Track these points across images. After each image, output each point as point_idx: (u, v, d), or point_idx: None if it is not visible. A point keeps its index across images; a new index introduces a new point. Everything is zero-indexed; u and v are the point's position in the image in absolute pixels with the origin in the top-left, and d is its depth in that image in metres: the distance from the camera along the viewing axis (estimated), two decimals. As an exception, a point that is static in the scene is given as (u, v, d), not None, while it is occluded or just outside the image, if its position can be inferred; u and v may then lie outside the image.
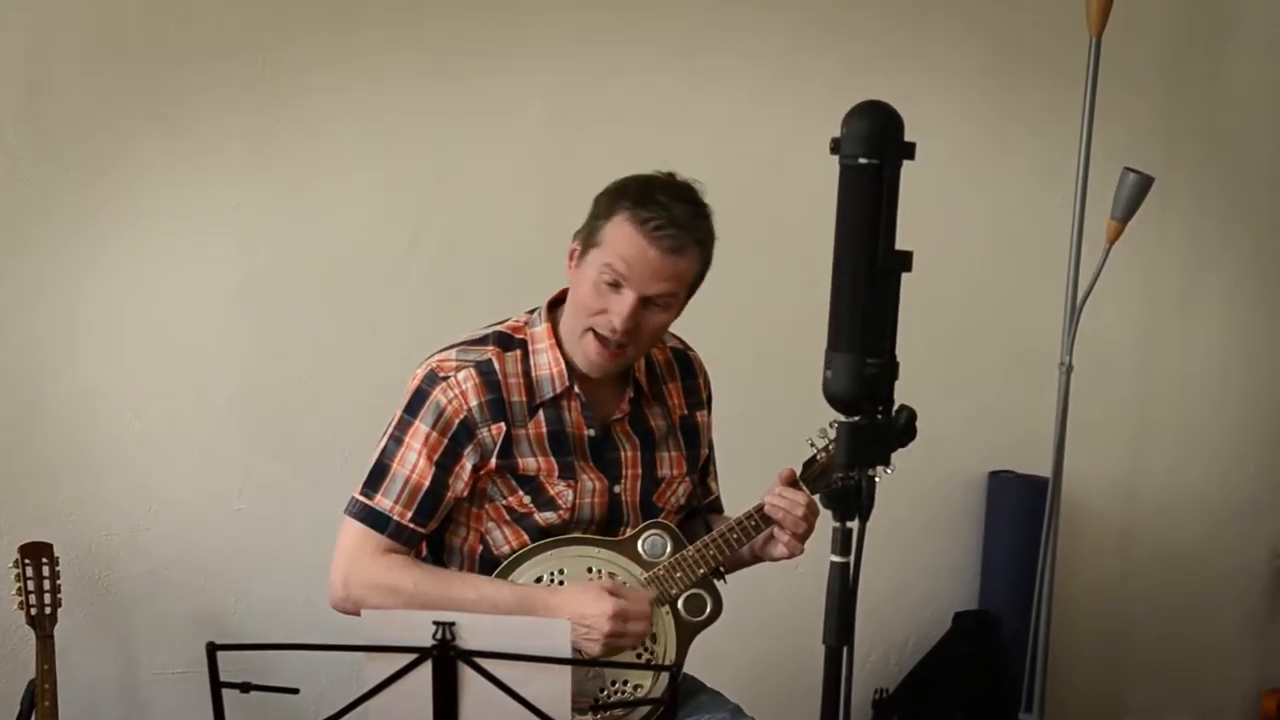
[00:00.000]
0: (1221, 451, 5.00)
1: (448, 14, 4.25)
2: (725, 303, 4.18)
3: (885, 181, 2.12)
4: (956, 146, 4.46)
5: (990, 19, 4.64)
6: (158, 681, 4.12)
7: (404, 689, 2.31)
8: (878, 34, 4.55)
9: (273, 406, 4.16)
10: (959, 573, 4.76)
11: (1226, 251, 4.98)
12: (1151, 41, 4.74)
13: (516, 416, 2.88)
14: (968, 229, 4.58)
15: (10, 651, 3.88)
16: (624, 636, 2.77)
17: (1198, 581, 5.00)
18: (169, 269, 4.08)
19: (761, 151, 4.41)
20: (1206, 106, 4.89)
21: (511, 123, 4.24)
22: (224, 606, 4.06)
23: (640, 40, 4.39)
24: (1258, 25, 4.91)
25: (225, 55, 4.10)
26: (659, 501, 2.99)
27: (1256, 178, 4.96)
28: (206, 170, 4.10)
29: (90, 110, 3.98)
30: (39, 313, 4.01)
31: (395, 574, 2.83)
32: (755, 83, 4.49)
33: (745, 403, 3.50)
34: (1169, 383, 4.95)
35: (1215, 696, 5.03)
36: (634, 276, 2.78)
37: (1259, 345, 5.03)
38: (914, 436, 2.28)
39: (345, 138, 4.17)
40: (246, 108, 4.08)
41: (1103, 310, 4.49)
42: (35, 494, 3.98)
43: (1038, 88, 4.64)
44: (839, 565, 2.21)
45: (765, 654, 3.51)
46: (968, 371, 4.65)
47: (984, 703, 4.59)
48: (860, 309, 2.16)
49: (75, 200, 3.99)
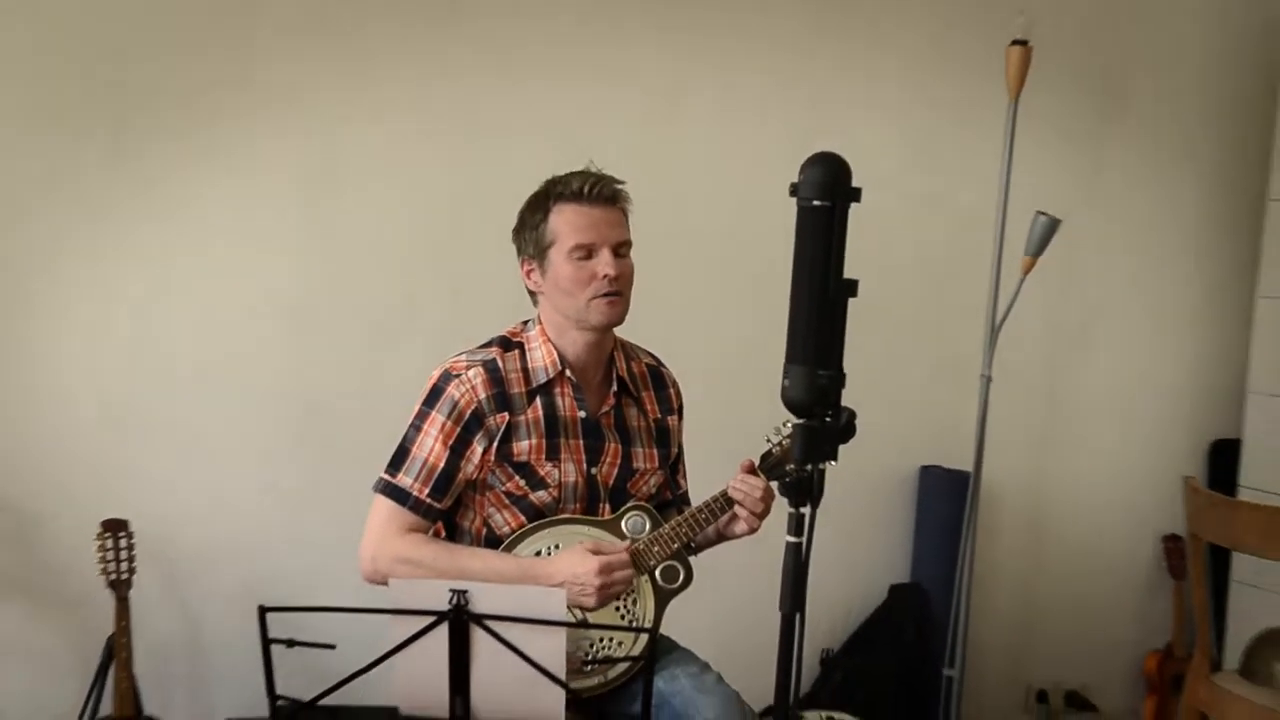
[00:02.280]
0: (1114, 453, 5.04)
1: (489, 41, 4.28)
2: (699, 323, 4.21)
3: (836, 220, 2.17)
4: (897, 192, 4.48)
5: (926, 83, 4.73)
6: (216, 638, 4.20)
7: (423, 647, 2.35)
8: (832, 100, 4.60)
9: (310, 411, 4.25)
10: (894, 551, 4.80)
11: (1124, 284, 5.00)
12: (1062, 102, 4.75)
13: (516, 405, 2.95)
14: (906, 262, 4.61)
15: (93, 611, 3.92)
16: (613, 585, 2.85)
17: (1092, 561, 5.03)
18: (236, 290, 4.16)
19: (732, 192, 4.41)
20: (1107, 158, 4.91)
21: (526, 147, 4.18)
22: (271, 576, 4.13)
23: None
24: (1150, 91, 4.96)
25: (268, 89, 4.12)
26: (631, 489, 3.05)
27: (1148, 218, 4.99)
28: (261, 194, 4.15)
29: (146, 128, 4.02)
30: (119, 322, 4.07)
31: (416, 550, 2.89)
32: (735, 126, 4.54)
33: (713, 405, 3.53)
34: (1072, 394, 4.98)
35: (1107, 656, 5.04)
36: (598, 236, 2.91)
37: (1147, 365, 5.05)
38: (853, 433, 2.34)
39: (378, 166, 4.24)
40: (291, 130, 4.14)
41: (1017, 331, 4.49)
42: (117, 476, 4.07)
43: (964, 143, 4.70)
44: (793, 544, 2.24)
45: (730, 619, 3.55)
46: (904, 381, 4.68)
47: (914, 660, 4.63)
48: (813, 328, 2.19)
49: (146, 211, 4.05)
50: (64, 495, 3.99)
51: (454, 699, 2.35)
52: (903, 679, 4.64)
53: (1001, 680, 4.95)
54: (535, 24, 4.30)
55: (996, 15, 4.47)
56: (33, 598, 4.02)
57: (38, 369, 3.99)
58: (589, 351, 3.01)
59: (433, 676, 2.34)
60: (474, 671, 2.34)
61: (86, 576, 3.86)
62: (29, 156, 3.92)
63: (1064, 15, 4.70)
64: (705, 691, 2.90)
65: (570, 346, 2.99)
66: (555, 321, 2.99)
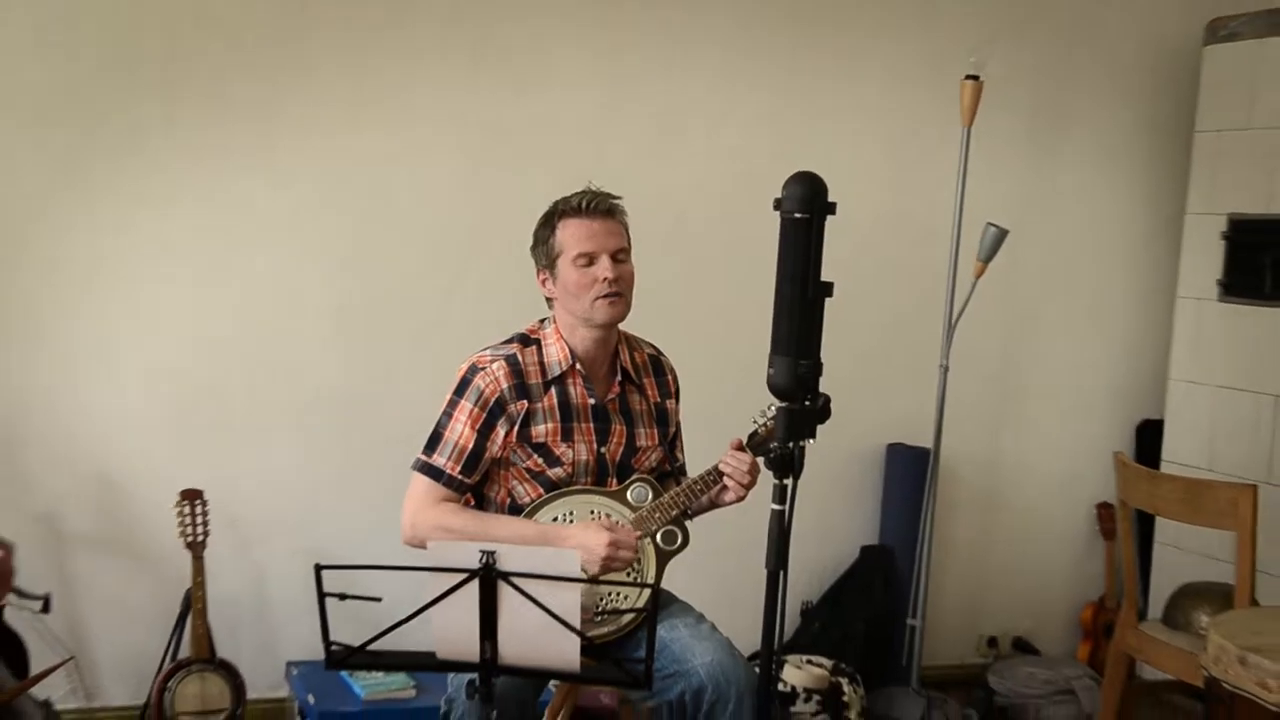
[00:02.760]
0: (1054, 431, 5.02)
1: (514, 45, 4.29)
2: (695, 318, 4.20)
3: (814, 231, 2.16)
4: (867, 206, 4.45)
5: (894, 113, 4.71)
6: (278, 592, 4.22)
7: (457, 600, 2.33)
8: (811, 126, 4.60)
9: (355, 399, 4.25)
10: (864, 517, 4.78)
11: (1064, 286, 4.99)
12: (1009, 128, 4.74)
13: (534, 394, 2.96)
14: (874, 267, 4.59)
15: (173, 569, 3.97)
16: (615, 560, 2.84)
17: (1036, 525, 5.01)
18: (293, 297, 4.19)
19: (725, 205, 4.42)
20: (1049, 177, 4.90)
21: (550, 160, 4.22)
22: (325, 539, 4.13)
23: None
24: (1085, 120, 4.96)
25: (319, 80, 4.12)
26: (635, 464, 3.06)
27: (1084, 229, 4.97)
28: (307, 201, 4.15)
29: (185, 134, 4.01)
30: (198, 319, 4.10)
31: (449, 517, 2.91)
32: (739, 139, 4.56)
33: (707, 389, 3.51)
34: (1019, 381, 4.97)
35: (1048, 607, 5.03)
36: (597, 245, 2.92)
37: (1084, 356, 5.03)
38: (829, 415, 2.32)
39: (408, 180, 4.24)
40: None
41: (971, 326, 4.48)
42: (194, 453, 4.09)
43: (925, 164, 4.68)
44: (777, 511, 2.25)
45: (721, 575, 3.55)
46: (873, 370, 4.66)
47: (881, 611, 4.63)
48: (795, 324, 2.19)
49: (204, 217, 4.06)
50: (148, 469, 4.03)
51: (484, 644, 2.34)
52: (872, 627, 4.62)
53: (957, 628, 4.95)
54: (557, 49, 4.31)
55: (953, 55, 4.46)
56: (122, 557, 4.06)
57: (125, 359, 4.02)
58: (596, 346, 3.02)
59: (465, 625, 2.33)
60: (501, 621, 2.33)
61: (167, 539, 3.92)
62: (92, 149, 3.90)
63: (1010, 55, 4.68)
64: (701, 639, 2.91)
65: (580, 343, 3.00)
66: (567, 321, 3.00)
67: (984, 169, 4.56)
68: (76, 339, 3.96)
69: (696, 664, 2.84)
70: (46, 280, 3.93)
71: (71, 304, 3.95)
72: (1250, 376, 4.54)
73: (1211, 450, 4.66)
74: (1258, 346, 4.52)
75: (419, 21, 4.17)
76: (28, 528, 3.74)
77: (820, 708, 4.23)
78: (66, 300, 3.95)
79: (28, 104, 3.85)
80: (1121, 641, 3.84)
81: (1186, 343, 4.79)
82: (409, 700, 3.82)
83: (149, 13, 3.92)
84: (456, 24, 4.20)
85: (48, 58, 3.84)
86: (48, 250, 3.92)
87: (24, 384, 3.91)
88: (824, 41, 4.60)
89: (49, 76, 3.85)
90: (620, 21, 4.37)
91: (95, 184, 3.93)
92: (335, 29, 4.10)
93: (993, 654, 4.96)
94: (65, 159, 3.91)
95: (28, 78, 3.84)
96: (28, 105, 3.85)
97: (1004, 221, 4.39)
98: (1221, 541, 3.97)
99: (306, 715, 3.83)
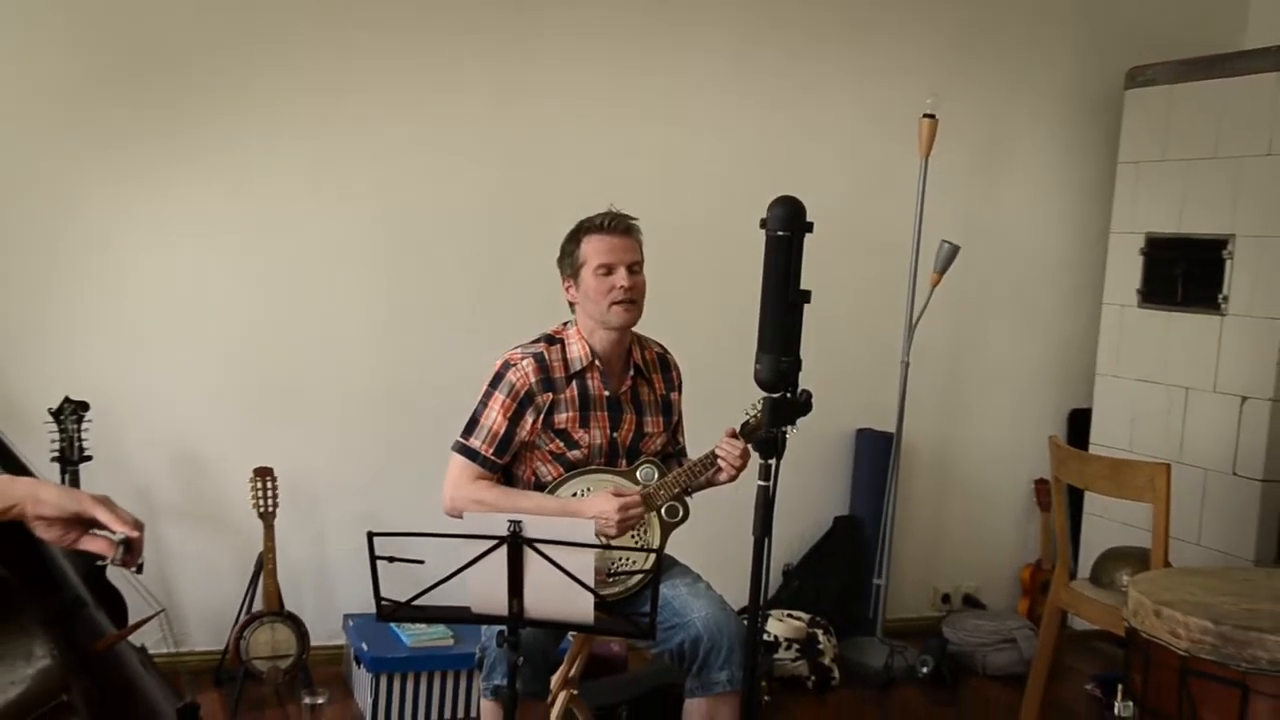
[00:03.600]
0: (998, 418, 5.00)
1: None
2: (695, 321, 4.19)
3: (794, 246, 2.12)
4: (840, 227, 4.41)
5: (863, 145, 4.70)
6: (336, 555, 4.20)
7: (488, 563, 2.33)
8: (792, 155, 4.55)
9: (404, 391, 4.22)
10: (837, 492, 4.76)
11: (1007, 293, 4.97)
12: (960, 159, 4.73)
13: (558, 387, 2.95)
14: (846, 277, 4.55)
15: (247, 535, 3.95)
16: (629, 519, 2.85)
17: (983, 498, 4.99)
18: (351, 300, 4.17)
19: (719, 225, 4.38)
20: (995, 200, 4.90)
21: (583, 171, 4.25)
22: (376, 510, 4.11)
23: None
24: (1024, 151, 4.92)
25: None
26: (643, 447, 3.05)
27: (1025, 245, 4.96)
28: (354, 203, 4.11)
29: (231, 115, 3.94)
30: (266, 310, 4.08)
31: (483, 492, 2.91)
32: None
33: (705, 383, 3.47)
34: (968, 375, 4.96)
35: (993, 568, 5.02)
36: (615, 258, 2.91)
37: (1024, 353, 5.00)
38: (809, 409, 2.27)
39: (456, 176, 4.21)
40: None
41: (927, 328, 4.47)
42: (265, 436, 4.08)
43: (889, 189, 4.65)
44: (763, 487, 2.24)
45: (715, 542, 3.47)
46: (845, 365, 4.64)
47: (851, 571, 4.61)
48: (778, 326, 2.16)
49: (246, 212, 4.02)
50: (226, 450, 4.01)
51: (512, 601, 2.33)
52: (843, 586, 4.60)
53: (916, 586, 4.91)
54: (585, 103, 4.31)
55: (913, 98, 4.43)
56: (204, 525, 4.04)
57: (207, 356, 4.00)
58: (612, 346, 3.00)
59: (496, 584, 2.32)
60: (526, 581, 2.31)
61: (242, 510, 3.89)
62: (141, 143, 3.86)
63: (961, 98, 4.65)
64: (697, 596, 2.89)
65: (598, 342, 2.98)
66: (587, 323, 2.98)
67: (939, 194, 4.55)
68: (167, 337, 3.94)
69: (694, 617, 2.83)
70: (150, 293, 3.91)
71: (162, 307, 3.93)
72: (1164, 371, 4.51)
73: (1132, 434, 4.62)
74: (1170, 346, 4.49)
75: (464, 58, 4.14)
76: (127, 500, 3.64)
77: (799, 654, 4.22)
78: (160, 306, 3.93)
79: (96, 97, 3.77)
80: (1055, 597, 3.81)
81: (1110, 342, 4.76)
82: (448, 648, 3.79)
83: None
84: (491, 58, 4.18)
85: (102, 47, 3.77)
86: (146, 263, 3.90)
87: (124, 377, 3.90)
88: (805, 88, 4.57)
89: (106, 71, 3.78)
90: (632, 72, 4.36)
91: (170, 185, 3.89)
92: (384, 32, 4.05)
93: (946, 608, 4.93)
94: (144, 156, 3.84)
95: (84, 68, 3.76)
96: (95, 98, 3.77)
97: (956, 239, 4.41)
98: (1140, 512, 3.93)
99: (361, 660, 3.81)
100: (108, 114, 3.80)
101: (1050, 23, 4.86)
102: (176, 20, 3.85)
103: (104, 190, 3.84)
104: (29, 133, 3.75)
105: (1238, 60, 4.28)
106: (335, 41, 4.01)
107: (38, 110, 3.75)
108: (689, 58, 4.42)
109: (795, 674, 4.20)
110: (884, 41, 4.65)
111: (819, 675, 4.22)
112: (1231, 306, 4.25)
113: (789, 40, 4.53)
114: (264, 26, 3.93)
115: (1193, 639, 2.39)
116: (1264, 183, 4.15)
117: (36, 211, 3.78)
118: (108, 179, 3.83)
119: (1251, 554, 4.16)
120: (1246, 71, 4.20)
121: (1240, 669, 2.32)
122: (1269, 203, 4.14)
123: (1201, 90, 4.37)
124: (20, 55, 3.72)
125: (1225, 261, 4.26)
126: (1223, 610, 2.44)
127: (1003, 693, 4.26)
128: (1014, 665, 4.39)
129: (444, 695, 3.79)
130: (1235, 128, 4.25)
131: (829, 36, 4.58)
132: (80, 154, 3.81)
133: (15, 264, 3.78)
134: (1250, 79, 4.19)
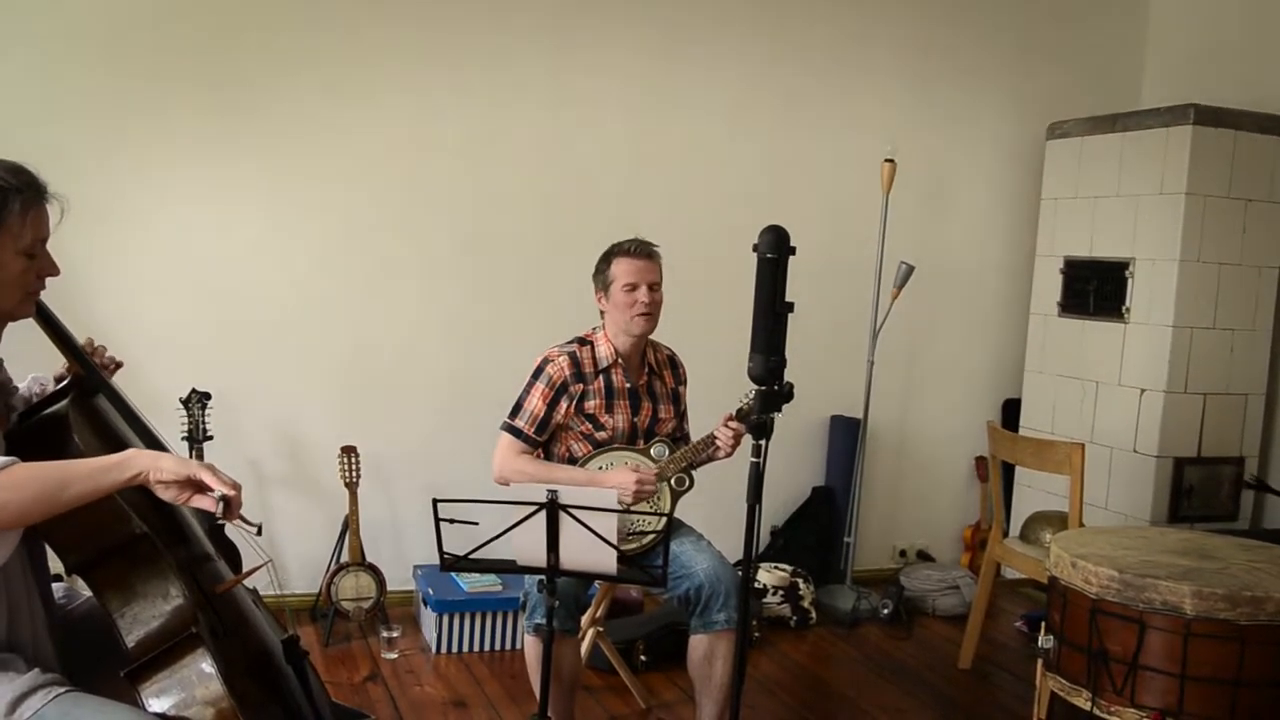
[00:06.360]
0: (946, 406, 4.95)
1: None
2: (699, 328, 4.19)
3: (780, 266, 2.12)
4: (817, 251, 4.39)
5: (834, 184, 4.63)
6: (407, 517, 4.17)
7: (531, 524, 2.31)
8: (779, 193, 4.50)
9: (462, 380, 4.19)
10: (814, 466, 4.75)
11: (954, 304, 4.92)
12: (915, 194, 4.70)
13: (588, 379, 2.95)
14: (822, 291, 4.51)
15: (335, 501, 3.96)
16: (643, 491, 2.86)
17: (933, 471, 4.96)
18: (419, 304, 4.13)
19: (719, 251, 4.29)
20: (942, 229, 4.85)
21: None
22: (440, 480, 4.05)
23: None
24: (965, 188, 4.87)
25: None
26: (657, 430, 3.05)
27: (967, 265, 4.90)
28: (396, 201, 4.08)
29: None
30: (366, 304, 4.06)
31: (526, 466, 2.91)
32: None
33: (706, 378, 3.47)
34: (922, 371, 4.90)
35: (940, 529, 4.98)
36: (639, 278, 2.91)
37: (967, 352, 4.96)
38: (792, 398, 2.27)
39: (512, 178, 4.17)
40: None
41: (889, 334, 4.46)
42: (351, 418, 4.07)
43: (857, 221, 4.60)
44: (754, 463, 2.20)
45: (716, 507, 3.48)
46: (821, 363, 4.61)
47: (826, 531, 4.61)
48: (767, 331, 2.15)
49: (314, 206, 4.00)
50: (320, 430, 4.01)
51: (549, 555, 2.32)
52: (819, 543, 4.59)
53: (878, 544, 4.87)
54: (614, 142, 4.26)
55: (875, 145, 4.42)
56: (302, 492, 4.04)
57: (309, 350, 3.99)
58: (633, 348, 3.00)
59: (537, 542, 2.31)
60: (561, 539, 2.29)
61: (332, 480, 3.90)
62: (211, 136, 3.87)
63: (914, 145, 4.62)
64: (701, 551, 2.88)
65: (622, 345, 2.98)
66: (613, 329, 2.98)
67: (898, 223, 4.50)
68: (274, 339, 3.95)
69: (698, 569, 2.82)
70: (261, 302, 3.91)
71: (270, 312, 3.93)
72: (1078, 368, 4.48)
73: (1053, 419, 4.59)
74: (1084, 347, 4.46)
75: (520, 63, 4.09)
76: (241, 472, 3.73)
77: (784, 599, 4.21)
78: (268, 311, 3.93)
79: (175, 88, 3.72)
80: (991, 552, 3.80)
81: (1036, 345, 4.73)
82: (498, 593, 3.79)
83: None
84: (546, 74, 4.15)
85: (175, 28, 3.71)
86: (255, 278, 3.90)
87: (239, 373, 3.90)
88: (789, 136, 4.53)
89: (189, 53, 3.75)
90: (649, 116, 4.34)
91: (278, 193, 3.87)
92: (444, 33, 3.98)
93: (903, 561, 4.89)
94: (258, 166, 3.83)
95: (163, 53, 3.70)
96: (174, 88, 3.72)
97: (912, 260, 4.38)
98: (1060, 483, 3.92)
99: (427, 602, 3.81)
100: (240, 137, 3.79)
101: (986, 86, 4.83)
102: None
103: (225, 213, 3.84)
104: (167, 176, 3.77)
105: (1135, 118, 4.28)
106: (426, 44, 3.95)
107: (170, 150, 3.76)
108: (695, 116, 4.39)
109: (780, 615, 4.19)
110: (854, 101, 4.62)
111: (799, 616, 4.21)
112: (1133, 316, 4.24)
113: (778, 99, 4.50)
114: (362, 25, 3.88)
115: (1101, 584, 2.39)
116: (1157, 216, 4.15)
117: (170, 239, 3.81)
118: (226, 193, 3.83)
119: (1148, 516, 4.15)
120: (1141, 127, 4.22)
121: (1139, 609, 2.32)
122: (1161, 232, 4.14)
123: (1107, 141, 4.37)
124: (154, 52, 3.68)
125: (1127, 279, 4.24)
126: (1125, 562, 2.45)
127: (948, 629, 4.25)
128: (957, 607, 4.38)
129: (494, 631, 3.79)
130: (1134, 171, 4.25)
131: (810, 96, 4.54)
132: (208, 176, 3.79)
133: (159, 280, 3.82)
134: (1145, 133, 4.20)
